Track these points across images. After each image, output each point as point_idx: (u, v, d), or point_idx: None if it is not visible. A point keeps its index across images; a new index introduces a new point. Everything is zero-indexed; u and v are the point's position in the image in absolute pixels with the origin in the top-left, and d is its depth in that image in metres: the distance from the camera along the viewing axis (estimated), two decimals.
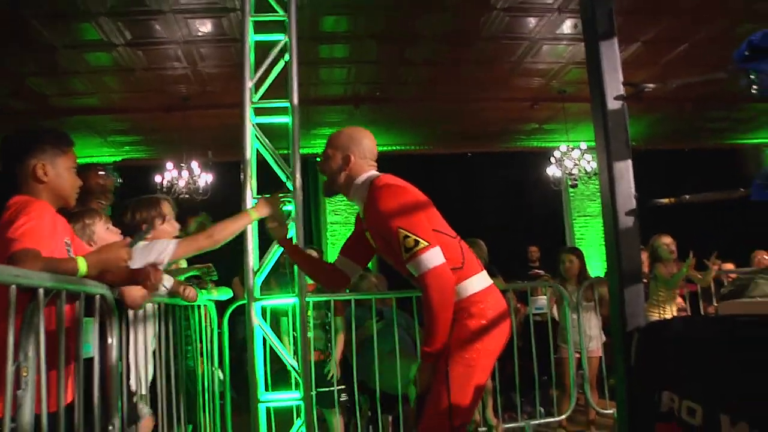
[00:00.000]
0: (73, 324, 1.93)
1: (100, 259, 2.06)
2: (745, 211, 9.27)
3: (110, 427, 2.00)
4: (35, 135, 2.33)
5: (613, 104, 2.77)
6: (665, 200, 2.61)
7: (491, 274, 5.02)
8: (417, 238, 2.33)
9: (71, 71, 8.02)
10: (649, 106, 10.22)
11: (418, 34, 7.57)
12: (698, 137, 12.22)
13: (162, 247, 2.79)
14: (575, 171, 9.91)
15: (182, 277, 3.68)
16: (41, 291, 1.61)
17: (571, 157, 9.94)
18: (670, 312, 5.26)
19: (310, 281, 4.76)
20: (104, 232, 2.78)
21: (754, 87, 2.38)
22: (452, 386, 2.34)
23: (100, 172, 3.86)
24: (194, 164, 9.46)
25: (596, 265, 10.66)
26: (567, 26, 7.56)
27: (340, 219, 11.52)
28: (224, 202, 8.78)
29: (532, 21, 7.49)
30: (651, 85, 2.80)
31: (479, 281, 2.50)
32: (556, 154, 10.22)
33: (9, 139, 2.33)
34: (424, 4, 6.92)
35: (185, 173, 9.41)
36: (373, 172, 2.62)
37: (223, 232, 2.92)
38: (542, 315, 5.49)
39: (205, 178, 9.54)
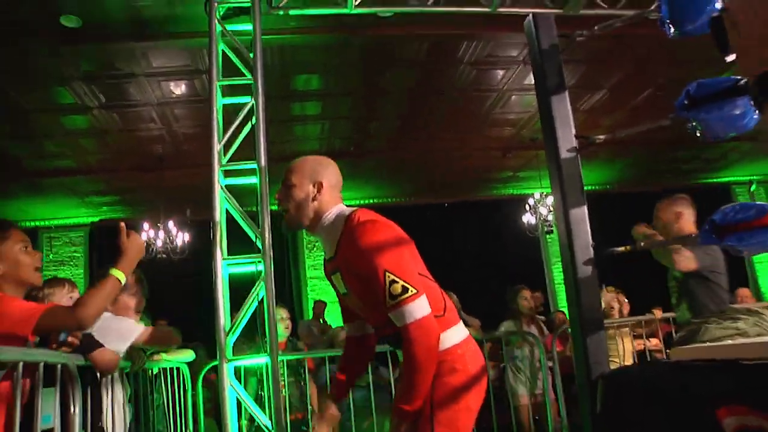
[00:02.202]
0: (31, 395, 1.93)
1: None
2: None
3: None
4: None
5: (566, 156, 2.86)
6: (621, 249, 2.67)
7: (466, 324, 5.05)
8: (406, 285, 2.08)
9: (46, 134, 8.09)
10: (619, 151, 10.44)
11: (388, 89, 7.74)
12: (670, 178, 12.45)
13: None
14: (550, 217, 10.03)
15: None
16: None
17: (545, 203, 10.07)
18: (629, 357, 5.19)
19: (281, 338, 4.76)
20: (67, 301, 2.79)
21: (698, 132, 2.48)
22: None
23: None
24: (170, 224, 9.48)
25: None
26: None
27: (319, 274, 11.51)
28: (201, 260, 8.81)
29: (499, 73, 7.69)
30: (601, 137, 2.91)
31: (459, 331, 2.29)
32: (530, 201, 10.35)
33: None
34: (393, 62, 7.09)
35: (162, 233, 9.42)
36: (345, 207, 2.37)
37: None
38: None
39: (182, 237, 9.54)
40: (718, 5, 2.28)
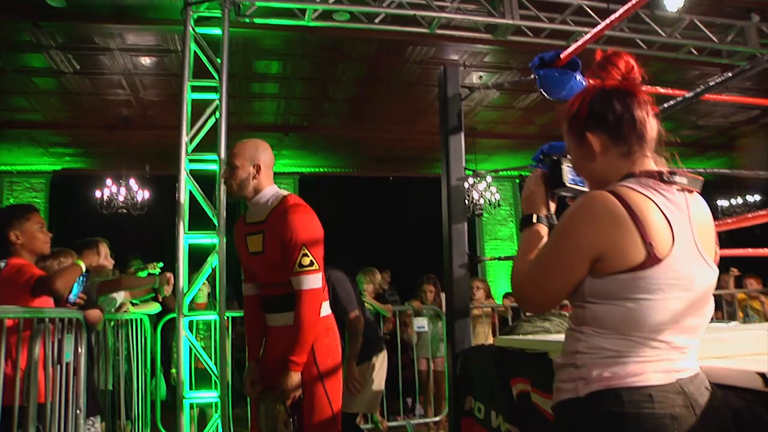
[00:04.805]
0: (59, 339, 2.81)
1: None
2: None
3: (77, 411, 2.86)
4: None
5: (455, 183, 3.77)
6: (487, 257, 3.60)
7: (385, 300, 5.97)
8: (312, 260, 2.69)
9: (17, 90, 8.62)
10: None
11: (340, 78, 8.55)
12: None
13: None
14: (481, 201, 10.94)
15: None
16: (47, 319, 2.51)
17: (478, 189, 10.97)
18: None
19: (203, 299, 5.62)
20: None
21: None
22: (331, 395, 2.79)
23: None
24: (132, 181, 10.13)
25: (505, 284, 11.80)
26: (473, 78, 8.65)
27: None
28: (159, 216, 9.52)
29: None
30: (484, 171, 3.83)
31: (328, 305, 2.96)
32: (465, 184, 11.26)
33: None
34: (344, 56, 7.90)
35: (123, 189, 10.06)
36: (279, 189, 2.93)
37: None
38: (423, 333, 6.47)
39: (142, 194, 10.21)
40: (578, 78, 3.15)
